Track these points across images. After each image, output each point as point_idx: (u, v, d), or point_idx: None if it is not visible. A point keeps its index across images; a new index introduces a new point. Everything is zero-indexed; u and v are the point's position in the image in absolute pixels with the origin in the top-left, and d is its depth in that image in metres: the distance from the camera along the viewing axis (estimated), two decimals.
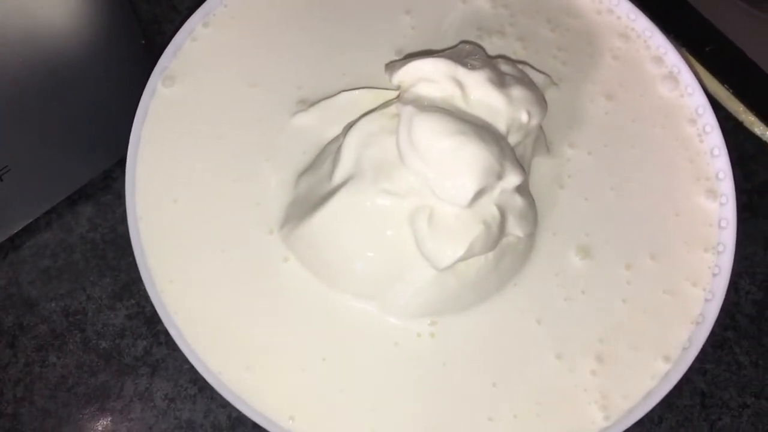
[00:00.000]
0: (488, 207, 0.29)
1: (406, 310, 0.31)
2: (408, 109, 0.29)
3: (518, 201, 0.30)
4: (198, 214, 0.32)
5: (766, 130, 0.44)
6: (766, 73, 0.44)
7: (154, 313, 0.38)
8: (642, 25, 0.37)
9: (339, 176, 0.30)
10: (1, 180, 0.34)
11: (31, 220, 0.38)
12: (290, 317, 0.31)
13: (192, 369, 0.37)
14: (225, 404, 0.36)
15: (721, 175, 0.34)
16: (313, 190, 0.31)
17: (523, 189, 0.31)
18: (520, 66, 0.33)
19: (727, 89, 0.44)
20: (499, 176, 0.29)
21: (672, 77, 0.36)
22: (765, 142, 0.44)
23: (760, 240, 0.41)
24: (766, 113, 0.43)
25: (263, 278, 0.31)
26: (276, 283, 0.31)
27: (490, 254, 0.30)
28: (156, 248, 0.31)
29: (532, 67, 0.34)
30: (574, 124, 0.35)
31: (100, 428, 0.36)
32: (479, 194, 0.29)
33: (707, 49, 0.45)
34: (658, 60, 0.36)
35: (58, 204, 0.39)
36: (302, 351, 0.30)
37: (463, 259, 0.29)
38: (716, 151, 0.34)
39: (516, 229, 0.30)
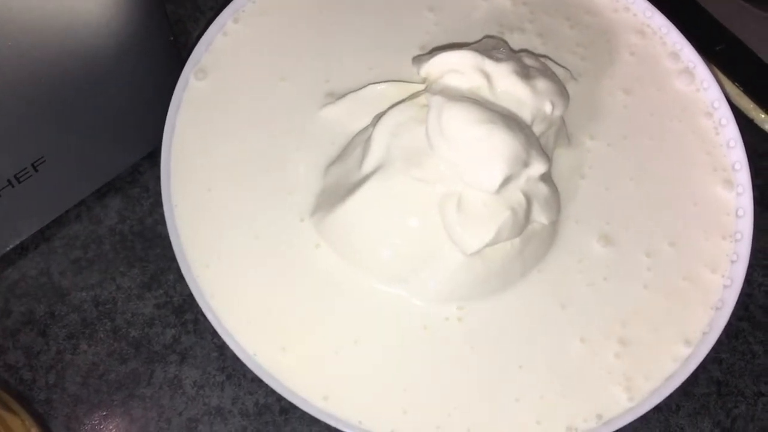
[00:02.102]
0: (515, 194, 0.30)
1: (434, 295, 0.32)
2: (437, 99, 0.30)
3: (543, 189, 0.31)
4: (231, 202, 0.33)
5: None
6: None
7: (182, 303, 0.39)
8: (658, 21, 0.38)
9: (369, 165, 0.31)
10: (36, 171, 0.35)
11: (61, 212, 0.39)
12: (322, 301, 0.31)
13: (220, 357, 0.38)
14: (252, 391, 0.37)
15: (737, 166, 0.35)
16: (342, 179, 0.32)
17: (547, 178, 0.32)
18: (543, 60, 0.34)
19: (738, 87, 0.45)
20: (526, 164, 0.30)
21: (688, 72, 0.37)
22: None
23: None
24: None
25: (295, 264, 0.32)
26: (308, 269, 0.32)
27: (516, 240, 0.31)
28: (191, 234, 0.32)
29: (553, 62, 0.35)
30: (594, 117, 0.36)
31: (130, 414, 0.36)
32: (507, 181, 0.29)
33: (717, 48, 0.46)
34: (674, 56, 0.37)
35: (88, 197, 0.40)
36: (335, 334, 0.31)
37: (490, 244, 0.30)
38: (732, 143, 0.35)
39: (541, 216, 0.31)
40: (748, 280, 0.41)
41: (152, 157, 0.41)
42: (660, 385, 0.31)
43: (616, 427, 0.30)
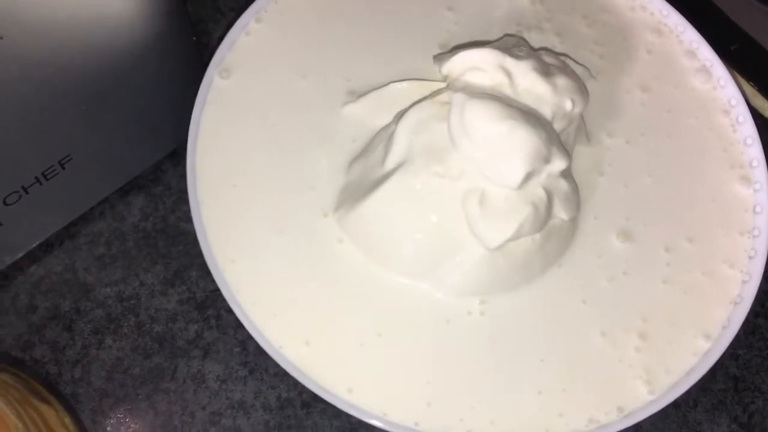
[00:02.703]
0: (536, 189, 0.31)
1: (456, 289, 0.32)
2: (459, 96, 0.30)
3: (563, 185, 0.32)
4: (256, 198, 0.33)
5: None
6: None
7: (205, 299, 0.39)
8: (674, 20, 0.38)
9: (391, 161, 0.32)
10: (64, 168, 0.35)
11: (86, 210, 0.40)
12: (346, 295, 0.32)
13: (242, 352, 0.38)
14: (275, 386, 0.38)
15: (755, 163, 0.35)
16: (365, 176, 0.33)
17: (567, 174, 0.32)
18: (562, 58, 0.34)
19: (752, 86, 0.45)
20: (547, 160, 0.30)
21: (705, 70, 0.37)
22: None
23: None
24: None
25: (319, 259, 0.32)
26: (331, 264, 0.32)
27: (537, 236, 0.32)
28: (217, 230, 0.32)
29: (572, 60, 0.36)
30: (612, 114, 0.36)
31: (155, 408, 0.37)
32: (528, 177, 0.30)
33: (732, 47, 0.46)
34: (691, 54, 0.38)
35: (111, 195, 0.40)
36: (359, 327, 0.32)
37: (512, 239, 0.30)
38: (749, 140, 0.36)
39: (561, 212, 0.32)
40: (765, 276, 0.41)
41: (174, 155, 0.41)
42: (680, 378, 0.32)
43: (637, 420, 0.31)
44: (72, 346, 0.38)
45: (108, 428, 0.37)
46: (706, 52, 0.37)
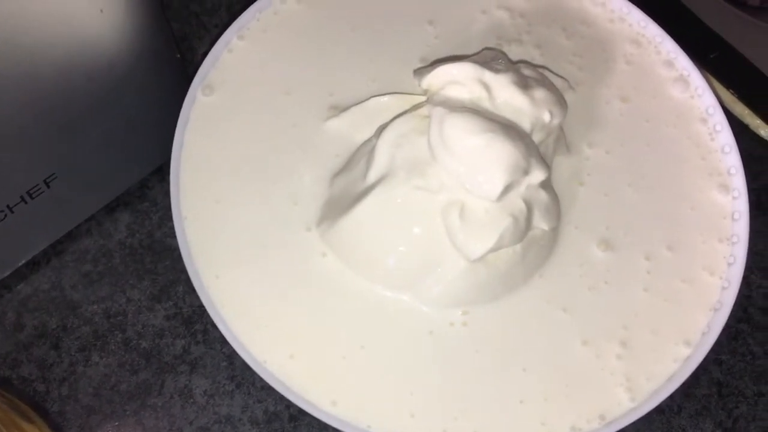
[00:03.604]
0: (516, 201, 0.31)
1: (439, 301, 0.32)
2: (439, 110, 0.31)
3: (543, 196, 0.32)
4: (239, 213, 0.34)
5: None
6: None
7: (192, 314, 0.39)
8: (652, 31, 0.39)
9: (373, 175, 0.32)
10: (49, 187, 0.36)
11: (72, 227, 0.40)
12: (329, 308, 0.32)
13: (229, 366, 0.38)
14: (262, 399, 0.38)
15: (732, 171, 0.36)
16: (347, 190, 0.33)
17: (547, 185, 0.33)
18: (541, 70, 0.35)
19: (732, 94, 0.46)
20: (526, 172, 0.31)
21: (683, 80, 0.38)
22: None
23: None
24: None
25: (303, 273, 0.33)
26: (315, 277, 0.33)
27: (518, 246, 0.32)
28: (200, 246, 0.33)
29: (551, 72, 0.36)
30: (592, 125, 0.37)
31: (142, 424, 0.37)
32: (507, 189, 0.30)
33: (712, 56, 0.46)
34: (669, 64, 0.38)
35: (98, 212, 0.41)
36: (342, 340, 0.32)
37: (493, 250, 0.31)
38: (727, 149, 0.36)
39: (541, 223, 0.32)
40: (747, 282, 0.42)
41: (160, 172, 0.42)
42: (661, 385, 0.32)
43: (619, 427, 0.31)
44: (59, 363, 0.38)
45: None
46: (683, 62, 0.38)
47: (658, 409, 0.39)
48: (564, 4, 0.39)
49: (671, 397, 0.39)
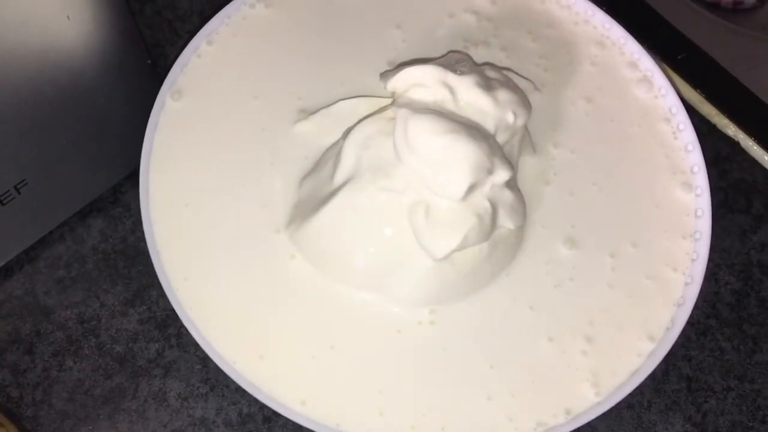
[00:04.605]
0: (480, 201, 0.31)
1: (407, 300, 0.33)
2: (403, 112, 0.31)
3: (508, 195, 0.33)
4: (208, 216, 0.34)
5: (738, 131, 0.46)
6: (735, 77, 0.46)
7: (165, 318, 0.40)
8: (617, 33, 0.39)
9: (340, 177, 0.33)
10: (19, 193, 0.36)
11: (45, 233, 0.40)
12: (299, 309, 0.33)
13: (203, 369, 0.39)
14: (236, 401, 0.38)
15: (695, 169, 0.37)
16: (315, 192, 0.34)
17: (512, 184, 0.33)
18: (505, 72, 0.35)
19: (700, 94, 0.47)
20: (490, 171, 0.31)
21: (646, 80, 0.38)
22: (737, 142, 0.46)
23: (737, 233, 0.44)
24: (738, 115, 0.46)
25: (272, 274, 0.33)
26: (284, 279, 0.33)
27: (484, 245, 0.32)
28: (170, 249, 0.33)
29: (516, 74, 0.37)
30: (557, 125, 0.37)
31: (116, 427, 0.37)
32: (472, 189, 0.31)
33: (679, 56, 0.47)
34: (633, 65, 0.39)
35: (71, 218, 0.41)
36: (311, 340, 0.32)
37: (458, 249, 0.31)
38: (690, 147, 0.37)
39: (507, 222, 0.33)
40: (715, 279, 0.43)
41: (133, 177, 0.42)
42: (626, 379, 0.32)
43: (585, 421, 0.31)
44: (33, 369, 0.38)
45: None
46: (647, 63, 0.39)
47: (628, 405, 0.39)
48: (530, 8, 0.40)
49: (641, 392, 0.40)
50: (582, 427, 0.38)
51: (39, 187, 0.37)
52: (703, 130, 0.44)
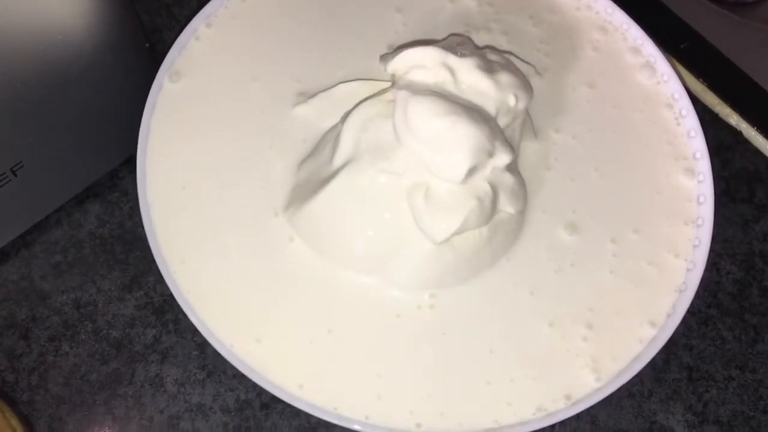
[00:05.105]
0: (481, 183, 0.31)
1: (406, 284, 0.32)
2: (403, 93, 0.31)
3: (509, 179, 0.32)
4: (206, 199, 0.34)
5: (740, 120, 0.46)
6: (738, 67, 0.46)
7: (163, 303, 0.39)
8: (619, 18, 0.39)
9: (339, 159, 0.32)
10: (15, 176, 0.36)
11: (41, 218, 0.40)
12: (297, 293, 0.32)
13: (200, 355, 0.38)
14: (233, 388, 0.38)
15: (698, 155, 0.36)
16: (314, 174, 0.33)
17: (513, 168, 0.33)
18: (506, 56, 0.35)
19: (702, 83, 0.46)
20: (490, 154, 0.31)
21: (649, 66, 0.38)
22: (740, 131, 0.46)
23: (739, 223, 0.43)
24: (740, 104, 0.46)
25: (270, 257, 0.33)
26: (282, 262, 0.33)
27: (484, 229, 0.32)
28: (167, 232, 0.33)
29: (518, 58, 0.36)
30: (559, 110, 0.37)
31: (113, 413, 0.37)
32: (472, 171, 0.30)
33: (682, 46, 0.47)
34: (636, 51, 0.38)
35: (67, 202, 0.41)
36: (309, 324, 0.32)
37: (458, 232, 0.31)
38: (692, 133, 0.37)
39: (507, 206, 0.32)
40: (717, 268, 0.42)
41: (131, 162, 0.41)
42: (626, 365, 0.32)
43: (585, 407, 0.31)
44: (28, 353, 0.38)
45: None
46: (650, 49, 0.38)
47: (629, 394, 0.39)
48: None
49: (642, 381, 0.39)
50: (582, 416, 0.38)
51: (35, 170, 0.36)
52: (706, 119, 0.44)
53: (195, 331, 0.38)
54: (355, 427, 0.30)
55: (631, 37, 0.39)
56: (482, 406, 0.31)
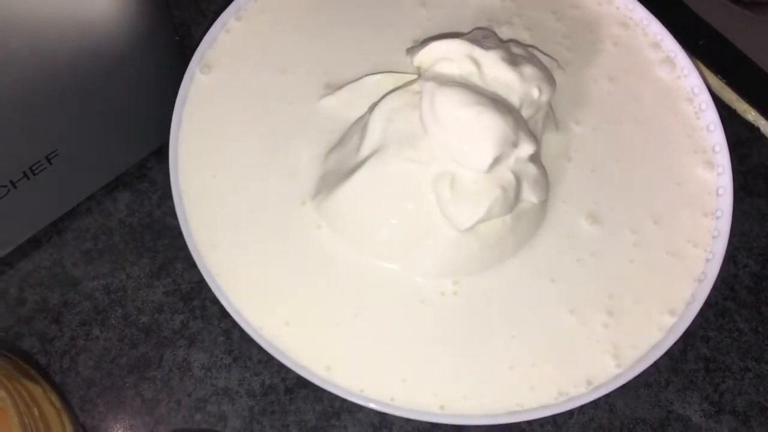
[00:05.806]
0: (505, 173, 0.32)
1: (430, 270, 0.33)
2: (430, 84, 0.32)
3: (532, 169, 0.33)
4: (236, 187, 0.35)
5: (758, 116, 0.46)
6: (755, 63, 0.47)
7: (190, 290, 0.40)
8: (639, 14, 0.40)
9: (366, 149, 0.33)
10: (50, 163, 0.37)
11: (73, 206, 0.41)
12: (324, 278, 0.33)
13: (227, 341, 0.39)
14: (258, 372, 0.39)
15: (717, 148, 0.37)
16: (341, 164, 0.34)
17: (535, 159, 0.34)
18: (530, 49, 0.36)
19: (720, 79, 0.47)
20: (515, 144, 0.32)
21: (669, 61, 0.39)
22: (757, 127, 0.46)
23: (756, 217, 0.44)
24: (758, 100, 0.46)
25: (298, 244, 0.34)
26: (310, 248, 0.34)
27: (508, 218, 0.33)
28: (198, 218, 0.34)
29: (541, 51, 0.37)
30: (580, 103, 0.38)
31: (141, 395, 0.38)
32: (497, 161, 0.31)
33: (700, 42, 0.47)
34: (656, 46, 0.39)
35: (98, 191, 0.42)
36: (336, 308, 0.33)
37: (482, 220, 0.32)
38: (712, 127, 0.37)
39: (530, 195, 0.33)
40: (734, 261, 0.43)
41: (159, 153, 0.43)
42: (646, 352, 0.33)
43: (605, 392, 0.32)
44: (60, 337, 0.39)
45: (96, 415, 0.38)
46: (669, 44, 0.39)
47: (646, 383, 0.40)
48: None
49: (659, 371, 0.40)
50: (600, 404, 0.39)
51: (69, 159, 0.37)
52: (724, 115, 0.44)
53: (221, 317, 0.40)
54: (384, 409, 0.31)
55: (652, 32, 0.39)
56: (505, 390, 0.32)
